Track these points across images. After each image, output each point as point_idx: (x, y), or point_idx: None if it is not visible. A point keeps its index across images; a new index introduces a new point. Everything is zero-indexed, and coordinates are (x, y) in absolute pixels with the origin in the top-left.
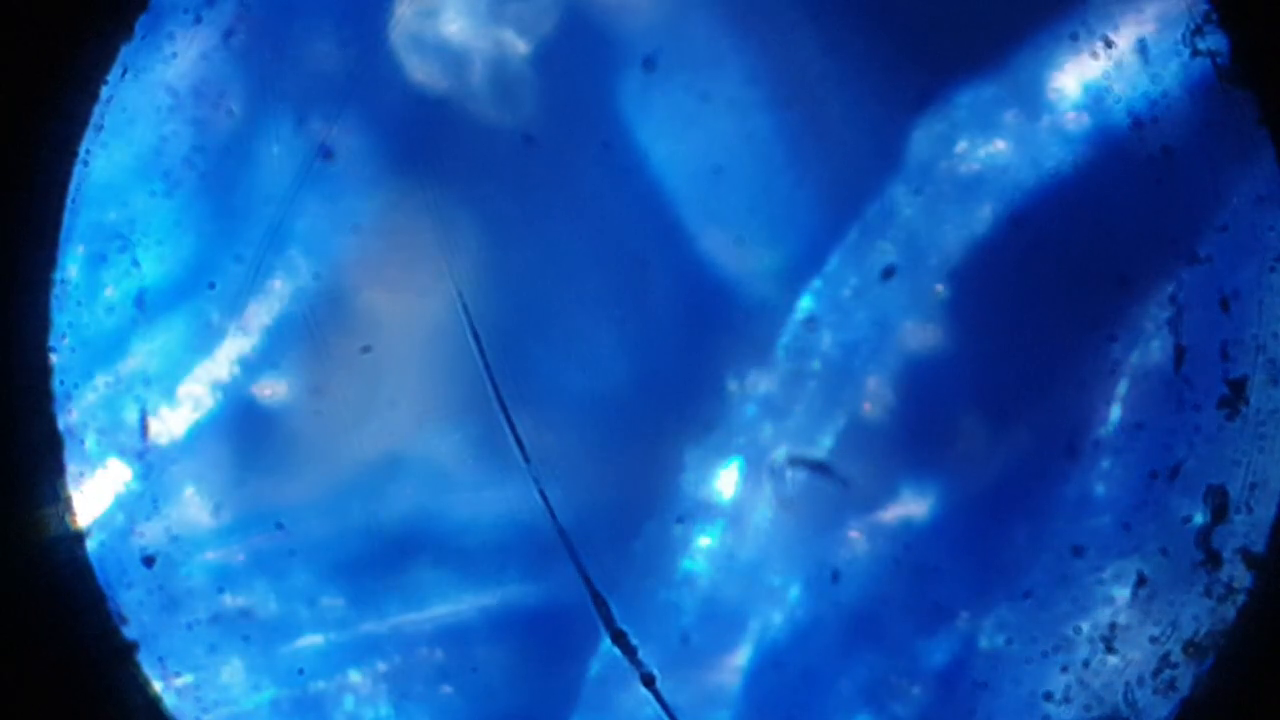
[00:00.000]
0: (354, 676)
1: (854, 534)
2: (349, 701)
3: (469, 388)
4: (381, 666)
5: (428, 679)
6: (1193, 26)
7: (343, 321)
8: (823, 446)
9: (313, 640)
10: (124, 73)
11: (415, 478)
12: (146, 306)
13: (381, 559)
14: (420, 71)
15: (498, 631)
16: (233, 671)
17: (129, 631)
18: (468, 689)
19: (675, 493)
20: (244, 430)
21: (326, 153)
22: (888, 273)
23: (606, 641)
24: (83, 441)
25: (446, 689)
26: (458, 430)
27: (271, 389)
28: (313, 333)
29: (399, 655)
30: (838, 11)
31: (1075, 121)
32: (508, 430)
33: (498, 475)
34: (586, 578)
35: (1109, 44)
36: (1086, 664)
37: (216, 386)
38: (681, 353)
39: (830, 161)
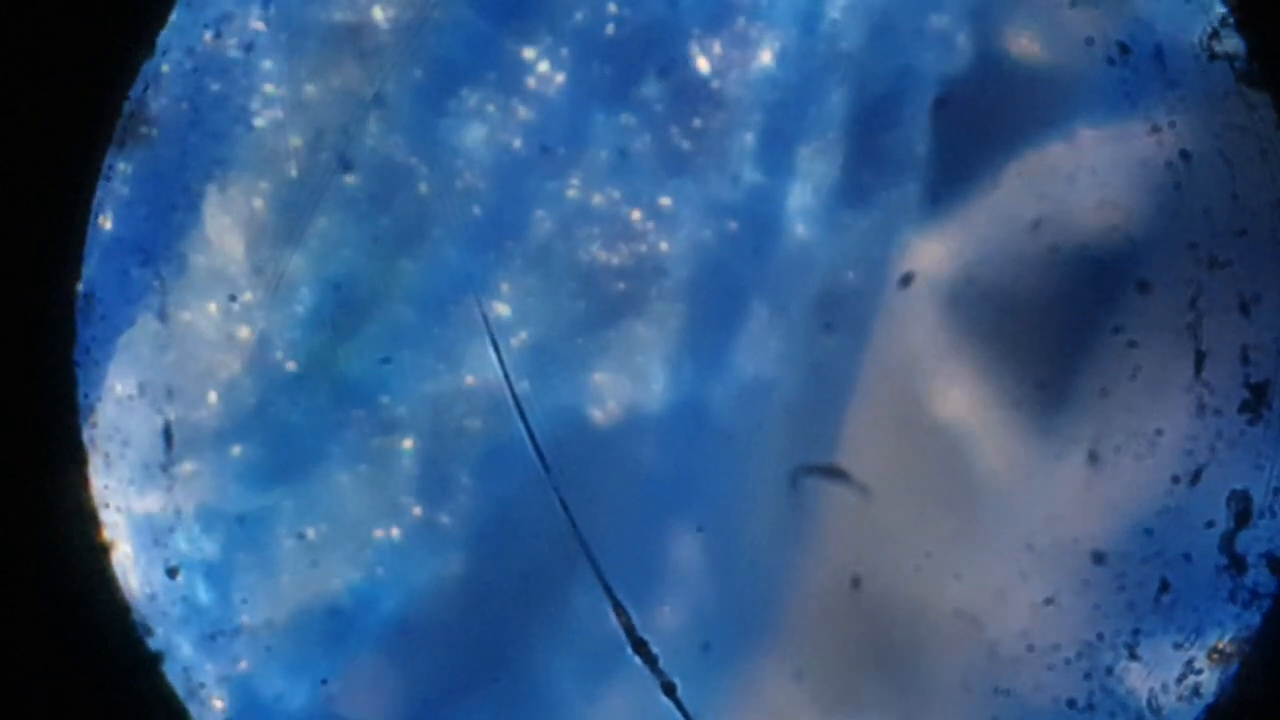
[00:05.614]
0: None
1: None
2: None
3: (492, 397)
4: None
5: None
6: (1209, 30)
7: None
8: (838, 455)
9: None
10: (145, 88)
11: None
12: (168, 320)
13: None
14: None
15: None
16: (257, 682)
17: (154, 643)
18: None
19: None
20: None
21: (346, 164)
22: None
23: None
24: (107, 454)
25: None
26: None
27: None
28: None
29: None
30: None
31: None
32: (528, 439)
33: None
34: (607, 587)
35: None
36: (1110, 670)
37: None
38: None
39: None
